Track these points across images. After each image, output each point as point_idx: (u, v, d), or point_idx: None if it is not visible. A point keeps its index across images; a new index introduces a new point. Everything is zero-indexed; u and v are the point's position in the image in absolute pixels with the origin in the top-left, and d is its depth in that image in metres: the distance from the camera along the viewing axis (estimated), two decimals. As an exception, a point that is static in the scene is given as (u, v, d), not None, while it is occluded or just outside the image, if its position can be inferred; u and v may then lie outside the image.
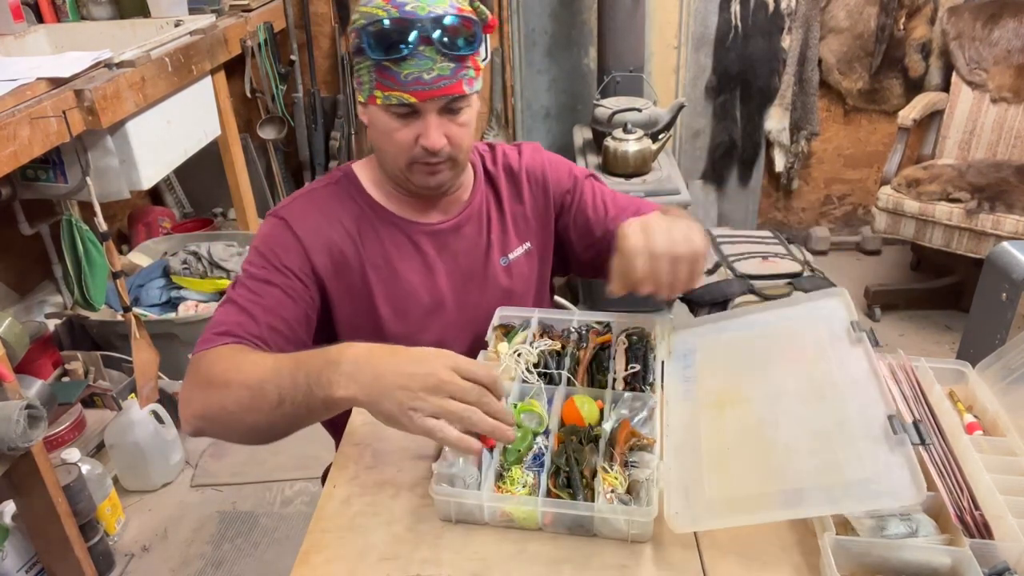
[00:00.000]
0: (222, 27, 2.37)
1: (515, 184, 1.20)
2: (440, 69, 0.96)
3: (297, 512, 2.09)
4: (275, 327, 1.00)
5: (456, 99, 0.99)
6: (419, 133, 1.00)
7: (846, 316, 0.91)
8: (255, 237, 1.08)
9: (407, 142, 1.01)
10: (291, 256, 1.04)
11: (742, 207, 3.24)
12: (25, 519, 1.68)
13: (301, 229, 1.06)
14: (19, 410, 1.39)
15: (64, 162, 1.90)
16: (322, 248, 1.06)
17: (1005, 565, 0.70)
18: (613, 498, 0.81)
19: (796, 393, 0.86)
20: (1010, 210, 2.35)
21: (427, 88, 0.96)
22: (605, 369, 1.01)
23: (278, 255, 1.04)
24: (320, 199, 1.11)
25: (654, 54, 2.96)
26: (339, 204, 1.10)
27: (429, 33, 0.95)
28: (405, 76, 0.96)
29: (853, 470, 0.73)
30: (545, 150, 1.25)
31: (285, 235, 1.05)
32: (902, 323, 2.82)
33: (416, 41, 0.94)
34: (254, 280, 1.03)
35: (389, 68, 0.96)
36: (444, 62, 0.96)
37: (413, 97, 0.97)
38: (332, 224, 1.08)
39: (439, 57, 0.96)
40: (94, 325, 2.39)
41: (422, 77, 0.96)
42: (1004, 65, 2.64)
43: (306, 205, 1.09)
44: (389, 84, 0.97)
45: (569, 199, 1.21)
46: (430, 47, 0.95)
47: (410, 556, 0.81)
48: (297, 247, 1.05)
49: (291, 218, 1.06)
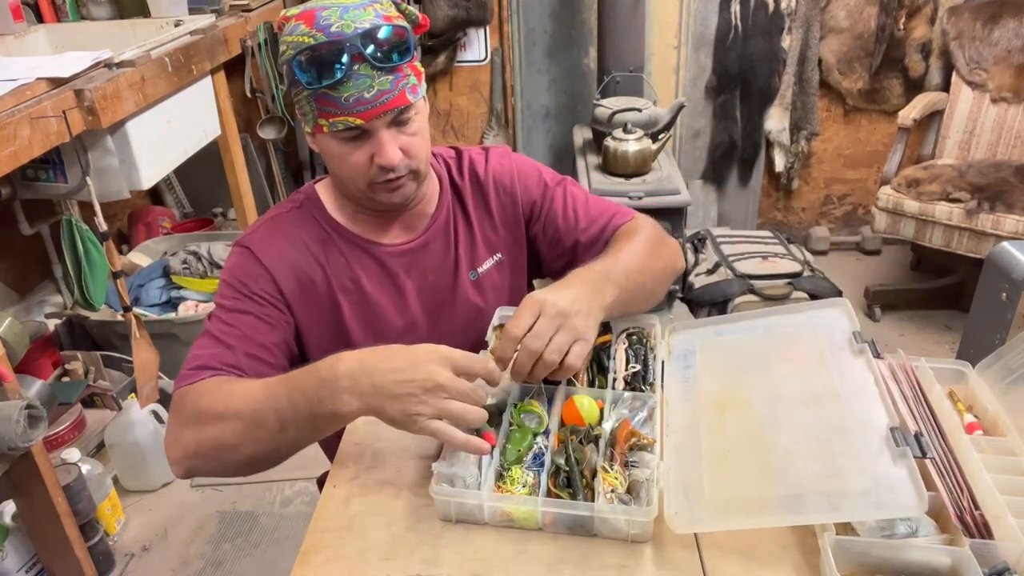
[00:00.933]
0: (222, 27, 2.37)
1: (482, 193, 1.17)
2: (380, 84, 0.93)
3: (297, 512, 2.09)
4: (253, 354, 0.99)
5: (402, 111, 0.97)
6: (373, 152, 0.98)
7: (848, 326, 0.91)
8: (223, 270, 1.07)
9: (362, 164, 0.99)
10: (259, 283, 1.03)
11: (742, 207, 3.24)
12: (25, 519, 1.68)
13: (265, 256, 1.04)
14: (19, 410, 1.39)
15: (64, 162, 1.90)
16: (288, 274, 1.05)
17: (1005, 565, 0.70)
18: (613, 498, 0.81)
19: (797, 398, 0.86)
20: (1010, 210, 2.35)
21: (371, 107, 0.94)
22: (605, 369, 1.01)
23: (246, 284, 1.03)
24: (284, 224, 1.09)
25: (654, 54, 2.96)
26: (303, 229, 1.08)
27: (361, 51, 0.92)
28: (346, 99, 0.93)
29: (855, 479, 0.73)
30: (516, 154, 1.22)
31: (251, 264, 1.04)
32: (902, 323, 2.82)
33: (349, 62, 0.91)
34: (226, 311, 1.02)
35: (327, 94, 0.93)
36: (382, 76, 0.93)
37: (359, 119, 0.94)
38: (297, 249, 1.07)
39: (376, 73, 0.93)
40: (94, 325, 2.39)
41: (363, 96, 0.93)
42: (1004, 65, 2.64)
43: (269, 232, 1.07)
44: (331, 111, 0.94)
45: (538, 208, 1.17)
46: (365, 64, 0.92)
47: (410, 556, 0.81)
48: (264, 274, 1.04)
49: (254, 246, 1.05)
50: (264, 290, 1.03)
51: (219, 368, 0.96)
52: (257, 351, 1.00)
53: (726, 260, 2.61)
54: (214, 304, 1.04)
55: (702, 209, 3.25)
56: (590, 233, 1.15)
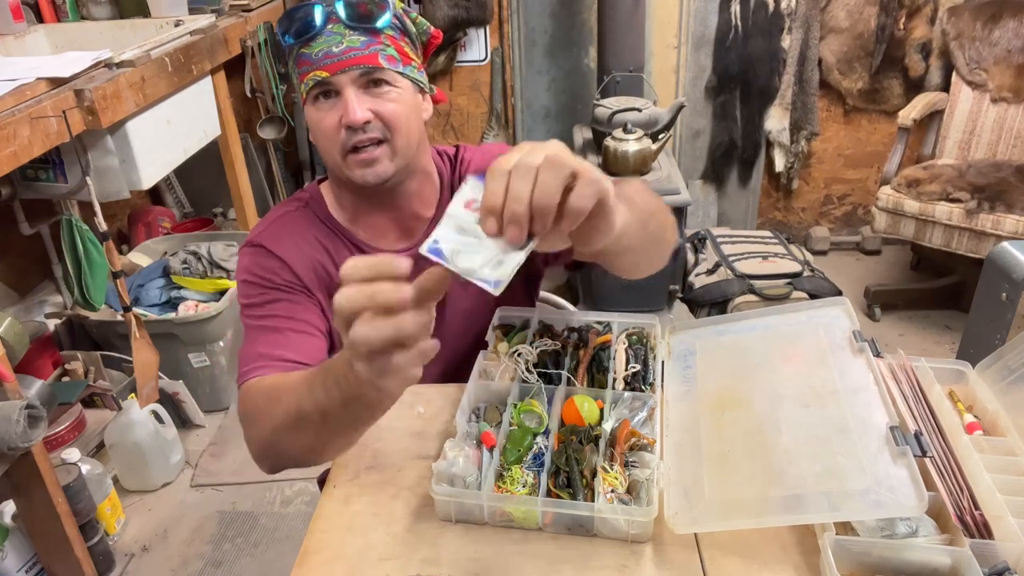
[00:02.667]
0: (222, 27, 2.37)
1: None
2: (349, 41, 0.95)
3: (297, 512, 2.09)
4: (300, 330, 1.00)
5: (372, 71, 0.97)
6: (342, 114, 0.97)
7: (848, 325, 0.91)
8: (237, 272, 1.07)
9: (333, 127, 0.98)
10: (280, 274, 1.04)
11: (742, 207, 3.24)
12: (25, 519, 1.68)
13: (280, 250, 1.05)
14: (19, 410, 1.39)
15: (64, 162, 1.90)
16: (305, 264, 1.06)
17: (1005, 565, 0.70)
18: (613, 498, 0.81)
19: (797, 398, 0.86)
20: (1010, 210, 2.35)
21: (336, 60, 0.95)
22: (605, 369, 1.01)
23: (267, 277, 1.03)
24: (291, 222, 1.09)
25: (654, 54, 2.96)
26: (310, 227, 1.09)
27: (335, 9, 0.95)
28: (316, 54, 0.95)
29: (855, 479, 0.73)
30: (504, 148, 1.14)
31: (266, 259, 1.05)
32: (902, 323, 2.82)
33: (324, 18, 0.95)
34: (258, 307, 1.02)
35: (304, 53, 0.96)
36: (354, 35, 0.96)
37: (324, 71, 0.95)
38: (309, 243, 1.08)
39: (348, 31, 0.96)
40: (94, 325, 2.39)
41: (331, 51, 0.95)
42: (1004, 65, 2.64)
43: (279, 228, 1.08)
44: (305, 69, 0.97)
45: None
46: (338, 24, 0.96)
47: (410, 556, 0.81)
48: (282, 265, 1.04)
49: (266, 242, 1.06)
50: (286, 280, 1.04)
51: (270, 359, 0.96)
52: (302, 327, 1.01)
53: (726, 260, 2.61)
54: (240, 306, 1.04)
55: (702, 209, 3.25)
56: None
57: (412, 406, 1.04)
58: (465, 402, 0.93)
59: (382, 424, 1.00)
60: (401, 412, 1.03)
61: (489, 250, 0.62)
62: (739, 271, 2.54)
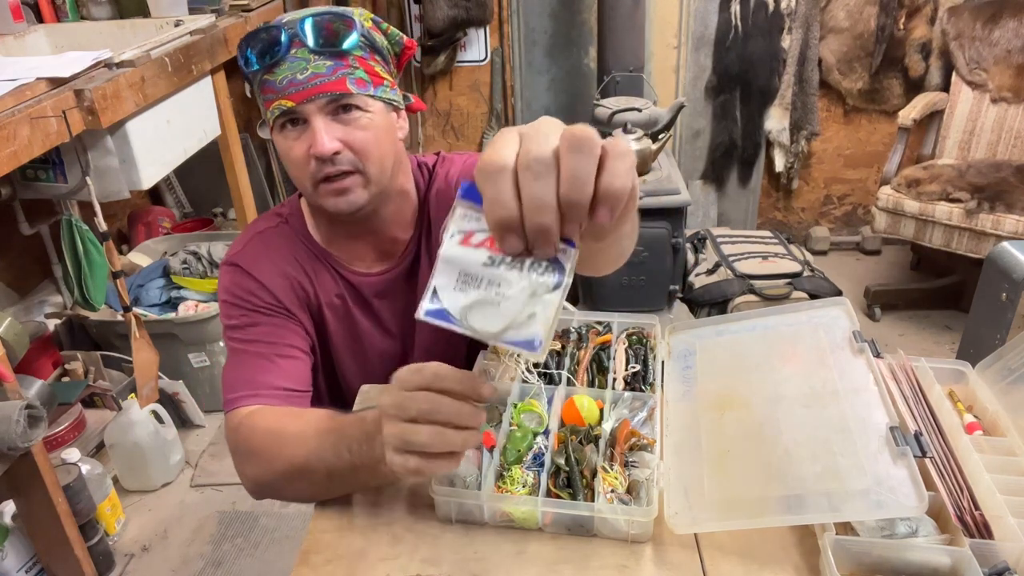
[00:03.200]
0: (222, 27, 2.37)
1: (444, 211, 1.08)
2: (315, 67, 0.91)
3: (297, 512, 2.09)
4: (286, 355, 1.00)
5: (340, 98, 0.92)
6: (310, 144, 0.93)
7: (848, 325, 0.91)
8: (219, 291, 1.06)
9: (302, 157, 0.94)
10: (259, 296, 1.03)
11: (742, 207, 3.24)
12: (25, 519, 1.68)
13: (257, 271, 1.04)
14: (19, 410, 1.39)
15: (64, 162, 1.90)
16: (283, 284, 1.05)
17: (1005, 565, 0.70)
18: (613, 498, 0.81)
19: (797, 398, 0.86)
20: (1010, 210, 2.35)
21: (302, 88, 0.91)
22: (605, 369, 1.01)
23: (248, 300, 1.03)
24: (269, 240, 1.07)
25: (654, 54, 2.96)
26: (290, 245, 1.07)
27: (298, 33, 0.91)
28: (280, 81, 0.91)
29: (855, 479, 0.73)
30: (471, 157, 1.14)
31: (245, 280, 1.03)
32: (902, 323, 2.82)
33: (287, 42, 0.91)
34: (240, 329, 1.02)
35: (268, 80, 0.92)
36: (319, 60, 0.91)
37: (289, 101, 0.91)
38: (287, 261, 1.06)
39: (312, 56, 0.91)
40: (94, 325, 2.39)
41: (296, 78, 0.91)
42: (1004, 65, 2.64)
43: (257, 248, 1.06)
44: (270, 97, 0.92)
45: None
46: (302, 48, 0.91)
47: (410, 556, 0.81)
48: (260, 287, 1.03)
49: (245, 264, 1.04)
50: (266, 302, 1.03)
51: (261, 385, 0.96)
52: (287, 351, 1.01)
53: (726, 260, 2.61)
54: (223, 327, 1.04)
55: (702, 209, 3.25)
56: None
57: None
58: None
59: (382, 424, 1.00)
60: (401, 412, 1.03)
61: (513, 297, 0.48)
62: (739, 271, 2.54)
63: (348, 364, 1.14)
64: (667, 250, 2.46)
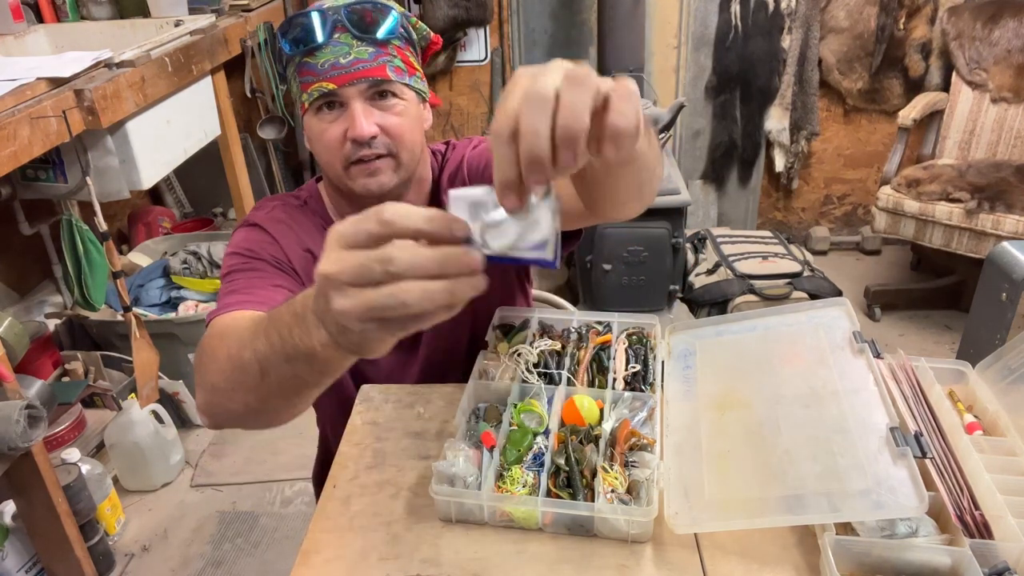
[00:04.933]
0: (222, 27, 2.37)
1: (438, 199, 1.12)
2: (357, 53, 0.93)
3: (297, 512, 2.09)
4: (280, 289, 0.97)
5: (380, 84, 0.95)
6: (347, 127, 0.95)
7: (848, 326, 0.92)
8: (228, 248, 1.04)
9: (337, 139, 0.96)
10: (268, 249, 1.03)
11: (742, 207, 3.24)
12: (25, 519, 1.68)
13: (274, 229, 1.05)
14: (19, 410, 1.39)
15: (64, 162, 1.90)
16: (296, 248, 1.05)
17: (1005, 565, 0.70)
18: (613, 498, 0.81)
19: (797, 399, 0.86)
20: (1010, 210, 2.35)
21: (344, 71, 0.93)
22: (605, 369, 1.01)
23: (256, 251, 1.02)
24: (289, 211, 1.09)
25: (654, 54, 2.96)
26: (308, 220, 1.09)
27: (342, 19, 0.93)
28: (322, 65, 0.93)
29: (855, 479, 0.73)
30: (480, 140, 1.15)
31: (260, 235, 1.04)
32: (902, 323, 2.82)
33: (330, 28, 0.93)
34: (237, 272, 0.99)
35: (308, 63, 0.94)
36: (361, 46, 0.93)
37: (332, 83, 0.93)
38: (304, 228, 1.07)
39: (355, 42, 0.93)
40: (94, 325, 2.39)
41: (338, 62, 0.93)
42: (1004, 65, 2.64)
43: (279, 215, 1.07)
44: (309, 79, 0.94)
45: None
46: (345, 33, 0.93)
47: (410, 556, 0.81)
48: (272, 242, 1.04)
49: (262, 222, 1.05)
50: (273, 255, 1.02)
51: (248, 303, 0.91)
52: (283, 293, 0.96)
53: (726, 260, 2.61)
54: (221, 279, 1.01)
55: (702, 209, 3.25)
56: None
57: (412, 406, 1.04)
58: (465, 402, 0.93)
59: (382, 424, 1.00)
60: (401, 412, 1.03)
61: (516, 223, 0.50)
62: (739, 271, 2.54)
63: None
64: (667, 250, 2.46)
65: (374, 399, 1.05)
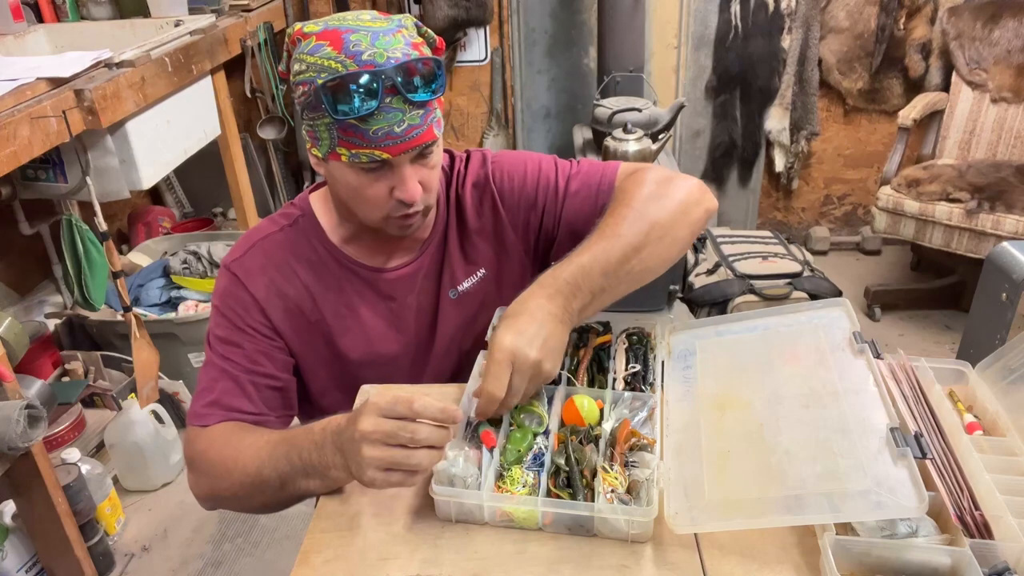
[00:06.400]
0: (222, 27, 2.37)
1: (460, 208, 1.11)
2: (410, 119, 0.89)
3: (297, 512, 2.07)
4: (258, 383, 1.01)
5: (428, 145, 0.93)
6: (392, 186, 0.93)
7: (848, 326, 0.92)
8: (214, 292, 1.05)
9: (380, 197, 0.94)
10: (250, 314, 1.02)
11: (742, 207, 3.25)
12: (25, 519, 1.68)
13: (253, 285, 1.02)
14: (19, 410, 1.39)
15: (64, 162, 1.90)
16: (277, 304, 1.03)
17: (1005, 565, 0.70)
18: (613, 498, 0.81)
19: (797, 399, 0.86)
20: (1010, 210, 2.35)
21: (400, 141, 0.89)
22: (605, 369, 1.01)
23: (239, 315, 1.02)
24: (275, 249, 1.05)
25: (654, 54, 2.96)
26: (294, 254, 1.05)
27: (395, 84, 0.86)
28: (374, 132, 0.88)
29: (855, 480, 0.73)
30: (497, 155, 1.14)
31: (240, 293, 1.02)
32: (902, 323, 2.82)
33: (382, 94, 0.86)
34: (222, 343, 1.02)
35: (355, 126, 0.88)
36: (413, 111, 0.89)
37: (386, 153, 0.89)
38: (287, 278, 1.04)
39: (407, 107, 0.88)
40: (94, 325, 2.39)
41: (392, 131, 0.88)
42: (1004, 65, 2.64)
43: (259, 258, 1.04)
44: (356, 142, 0.89)
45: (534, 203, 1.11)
46: (397, 98, 0.87)
47: (410, 556, 0.81)
48: (253, 304, 1.02)
49: (243, 275, 1.03)
50: (255, 321, 1.02)
51: (230, 408, 0.99)
52: (261, 380, 1.02)
53: (726, 260, 2.61)
54: (208, 331, 1.04)
55: (702, 209, 3.25)
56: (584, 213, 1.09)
57: (412, 406, 1.04)
58: (465, 402, 0.93)
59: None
60: (401, 412, 1.03)
61: None
62: (739, 271, 2.54)
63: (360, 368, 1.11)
64: (667, 250, 2.45)
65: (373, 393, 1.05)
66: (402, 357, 1.12)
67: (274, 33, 2.78)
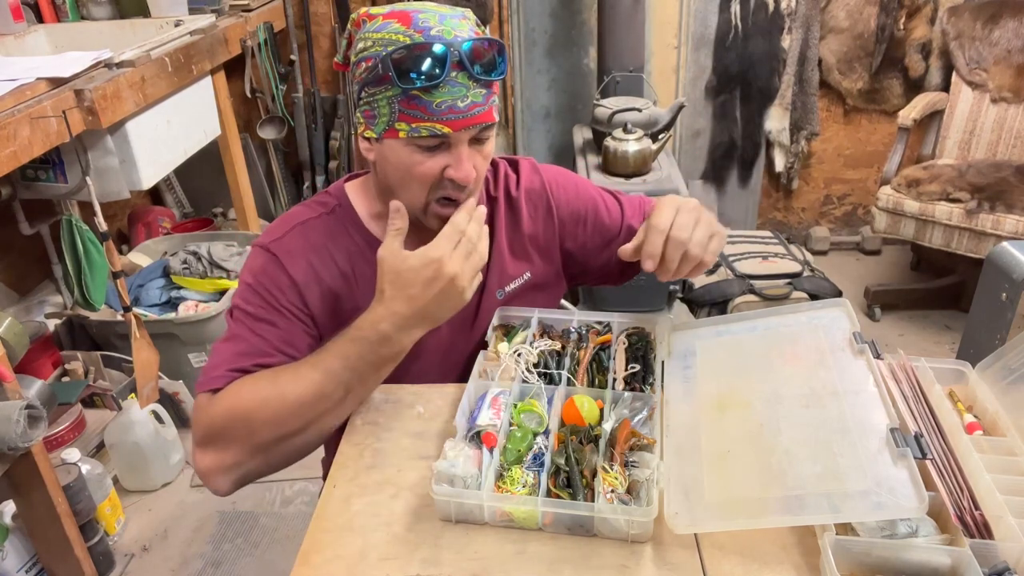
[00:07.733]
0: (222, 27, 2.37)
1: (513, 210, 1.13)
2: (473, 96, 0.90)
3: (297, 512, 2.09)
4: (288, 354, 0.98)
5: (486, 127, 0.94)
6: (447, 164, 0.93)
7: (848, 326, 0.92)
8: (244, 270, 1.03)
9: (432, 175, 0.94)
10: (287, 295, 1.00)
11: (742, 207, 3.24)
12: (25, 519, 1.68)
13: (293, 267, 1.01)
14: (19, 410, 1.39)
15: (64, 162, 1.90)
16: (315, 289, 1.02)
17: (1005, 565, 0.70)
18: (613, 498, 0.81)
19: (797, 399, 0.86)
20: (1010, 210, 2.35)
21: (462, 116, 0.89)
22: (605, 369, 1.01)
23: (274, 295, 1.00)
24: (313, 233, 1.04)
25: (654, 54, 2.96)
26: (332, 240, 1.05)
27: (462, 58, 0.88)
28: (438, 105, 0.88)
29: (855, 480, 0.73)
30: (548, 167, 1.18)
31: (278, 274, 1.01)
32: (902, 323, 2.82)
33: (449, 67, 0.87)
34: (252, 319, 0.99)
35: (418, 97, 0.88)
36: (476, 88, 0.90)
37: (447, 127, 0.89)
38: (325, 263, 1.03)
39: (472, 83, 0.89)
40: (94, 325, 2.39)
41: (456, 105, 0.89)
42: (1004, 65, 2.64)
43: (299, 240, 1.03)
44: (417, 115, 0.89)
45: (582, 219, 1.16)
46: (463, 73, 0.88)
47: (410, 556, 0.81)
48: (291, 286, 1.01)
49: (283, 255, 1.01)
50: (292, 303, 1.00)
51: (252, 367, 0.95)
52: (292, 352, 0.99)
53: (726, 260, 2.61)
54: (234, 306, 1.01)
55: (702, 209, 3.25)
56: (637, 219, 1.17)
57: (412, 406, 1.04)
58: (465, 402, 0.93)
59: (382, 424, 1.00)
60: (401, 412, 1.03)
61: None
62: (739, 271, 2.54)
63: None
64: (667, 250, 2.45)
65: (374, 399, 1.05)
66: (433, 352, 1.10)
67: (274, 33, 2.78)
